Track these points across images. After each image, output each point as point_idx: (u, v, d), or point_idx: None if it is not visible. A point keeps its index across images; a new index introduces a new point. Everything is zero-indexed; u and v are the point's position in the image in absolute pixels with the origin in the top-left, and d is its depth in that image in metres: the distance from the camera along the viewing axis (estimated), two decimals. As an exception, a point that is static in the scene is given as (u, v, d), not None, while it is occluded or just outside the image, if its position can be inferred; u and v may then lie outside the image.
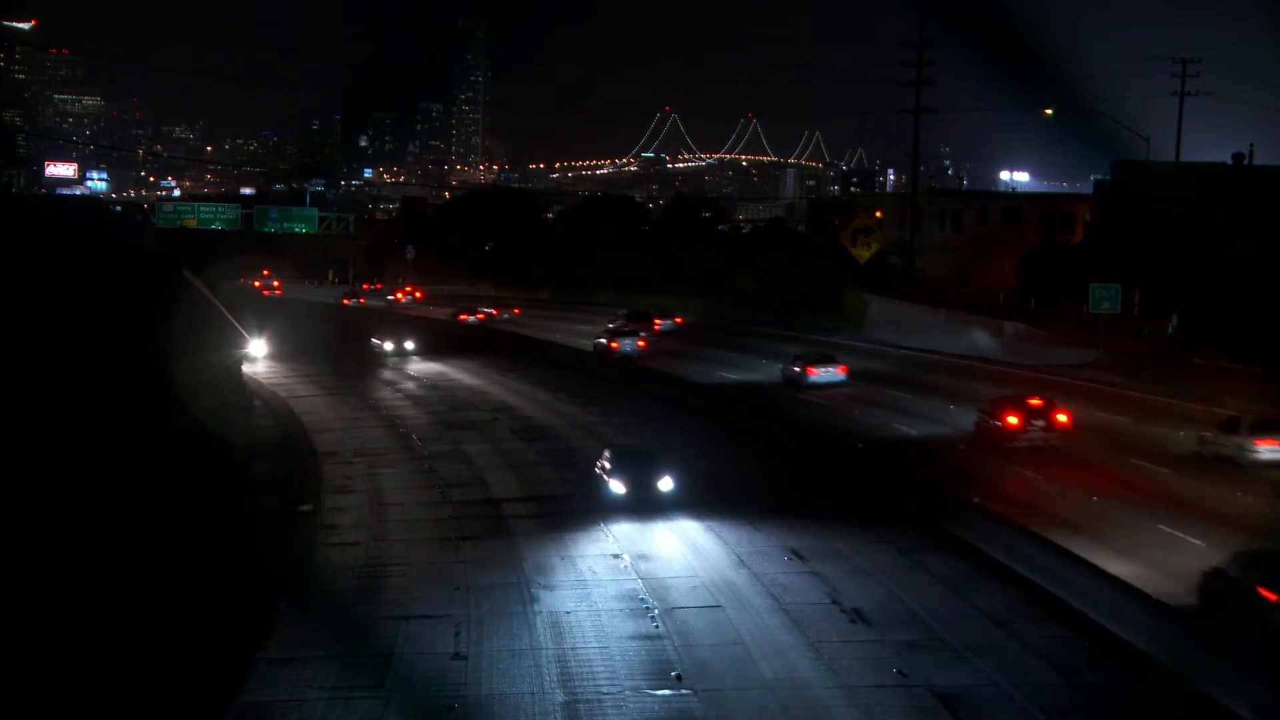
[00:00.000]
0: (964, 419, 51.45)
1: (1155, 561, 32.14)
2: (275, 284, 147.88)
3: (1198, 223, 61.32)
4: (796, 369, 66.71)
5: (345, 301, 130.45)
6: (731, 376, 70.49)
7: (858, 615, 28.98)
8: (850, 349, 75.09)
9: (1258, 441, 43.08)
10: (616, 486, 39.62)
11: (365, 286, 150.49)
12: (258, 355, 74.99)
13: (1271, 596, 26.70)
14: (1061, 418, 47.89)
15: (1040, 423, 47.61)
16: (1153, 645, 25.18)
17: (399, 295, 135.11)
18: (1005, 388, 55.33)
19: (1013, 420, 47.58)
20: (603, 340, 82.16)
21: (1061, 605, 28.76)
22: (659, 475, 39.65)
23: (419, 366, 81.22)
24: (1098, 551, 31.76)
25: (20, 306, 35.67)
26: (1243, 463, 42.95)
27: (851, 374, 66.03)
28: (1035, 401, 48.48)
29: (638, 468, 40.12)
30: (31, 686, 23.95)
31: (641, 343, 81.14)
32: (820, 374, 65.61)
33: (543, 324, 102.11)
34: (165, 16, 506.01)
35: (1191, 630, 26.06)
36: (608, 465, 40.81)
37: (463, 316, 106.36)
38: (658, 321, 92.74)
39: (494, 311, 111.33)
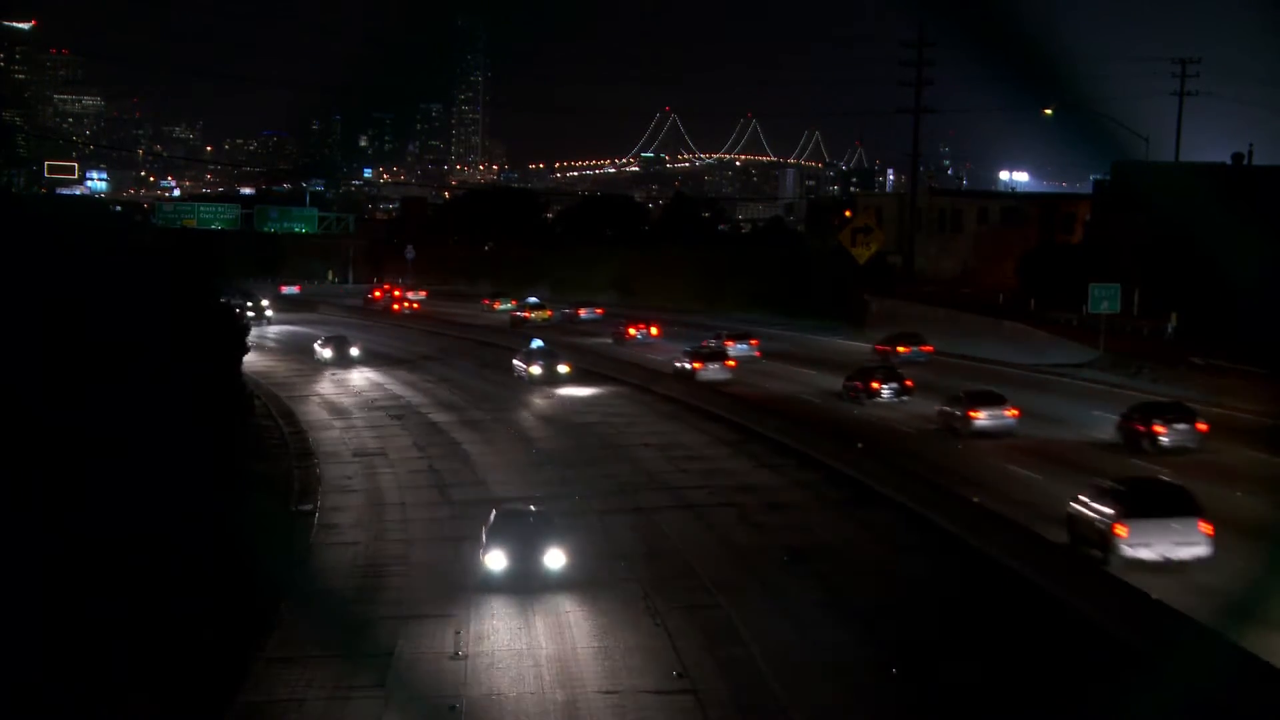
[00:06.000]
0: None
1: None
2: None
3: (1197, 223, 61.37)
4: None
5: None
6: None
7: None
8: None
9: (970, 413, 47.98)
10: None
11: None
12: None
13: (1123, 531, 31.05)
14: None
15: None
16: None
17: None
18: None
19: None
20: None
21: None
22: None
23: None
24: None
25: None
26: (962, 432, 48.21)
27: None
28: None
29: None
30: (30, 684, 23.92)
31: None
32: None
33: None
34: (165, 16, 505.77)
35: None
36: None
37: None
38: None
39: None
